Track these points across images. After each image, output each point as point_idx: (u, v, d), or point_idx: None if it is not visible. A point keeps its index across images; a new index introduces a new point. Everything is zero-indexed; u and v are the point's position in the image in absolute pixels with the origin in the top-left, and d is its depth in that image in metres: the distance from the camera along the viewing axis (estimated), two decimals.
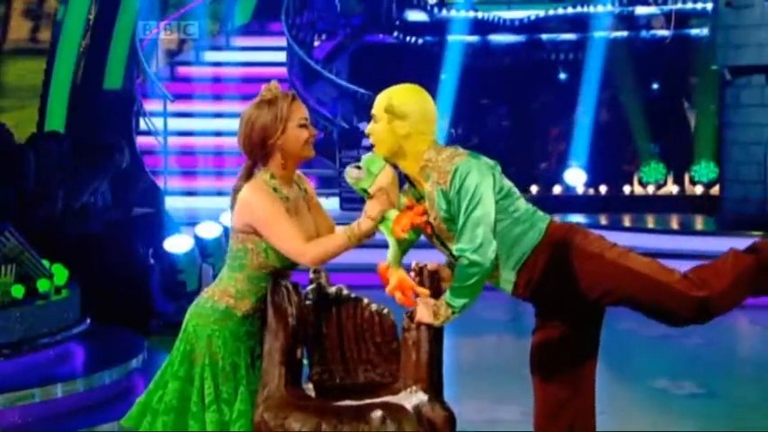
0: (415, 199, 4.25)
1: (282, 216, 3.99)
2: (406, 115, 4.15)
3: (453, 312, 4.10)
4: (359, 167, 4.07)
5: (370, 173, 4.06)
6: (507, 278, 4.26)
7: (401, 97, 4.19)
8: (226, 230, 9.84)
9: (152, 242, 9.80)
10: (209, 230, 10.34)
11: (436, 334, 4.09)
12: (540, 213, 4.32)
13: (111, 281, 8.96)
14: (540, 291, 4.29)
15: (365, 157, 4.14)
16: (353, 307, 4.22)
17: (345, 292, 4.24)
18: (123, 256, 9.36)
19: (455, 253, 4.12)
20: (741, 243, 11.99)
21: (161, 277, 9.61)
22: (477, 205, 4.10)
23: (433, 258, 4.32)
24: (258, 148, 4.04)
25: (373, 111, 4.22)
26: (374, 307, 4.21)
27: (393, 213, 4.04)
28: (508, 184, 4.25)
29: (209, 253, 10.18)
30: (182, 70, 16.60)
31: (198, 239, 10.15)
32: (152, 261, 9.58)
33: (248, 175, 4.10)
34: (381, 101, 4.19)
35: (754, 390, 7.83)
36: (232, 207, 4.14)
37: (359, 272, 11.29)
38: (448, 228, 4.17)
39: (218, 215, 10.67)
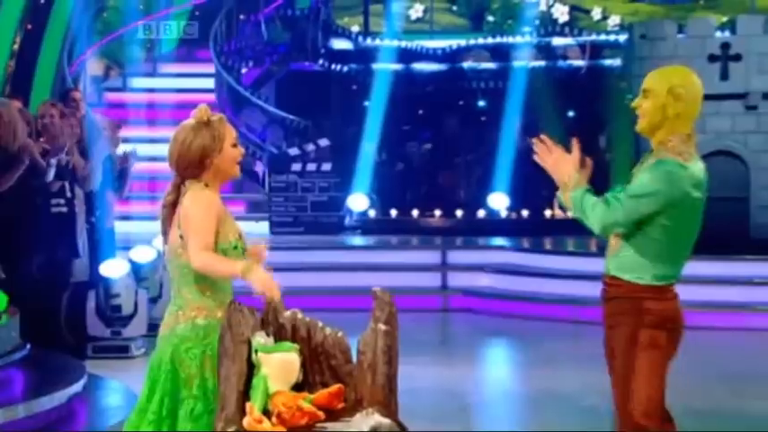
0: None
1: (212, 218, 4.14)
2: (681, 97, 4.26)
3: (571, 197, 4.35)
4: (268, 336, 4.13)
5: (276, 347, 4.11)
6: (616, 271, 4.37)
7: (682, 79, 4.30)
8: (160, 255, 9.90)
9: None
10: (143, 255, 10.41)
11: (391, 356, 4.12)
12: (672, 277, 4.39)
13: (45, 305, 8.89)
14: (607, 303, 4.46)
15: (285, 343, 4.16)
16: (308, 330, 4.22)
17: (300, 315, 4.26)
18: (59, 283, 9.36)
19: (607, 195, 4.29)
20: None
21: (96, 302, 9.64)
22: (641, 198, 4.23)
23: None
24: (194, 167, 4.21)
25: (646, 86, 4.32)
26: (328, 330, 4.23)
27: (274, 389, 4.02)
28: (683, 218, 4.27)
29: (144, 277, 10.24)
30: (111, 96, 16.66)
31: (133, 264, 10.20)
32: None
33: (177, 191, 4.27)
34: (661, 80, 4.29)
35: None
36: (163, 224, 4.28)
37: (313, 295, 11.43)
38: None
39: (152, 239, 10.74)
